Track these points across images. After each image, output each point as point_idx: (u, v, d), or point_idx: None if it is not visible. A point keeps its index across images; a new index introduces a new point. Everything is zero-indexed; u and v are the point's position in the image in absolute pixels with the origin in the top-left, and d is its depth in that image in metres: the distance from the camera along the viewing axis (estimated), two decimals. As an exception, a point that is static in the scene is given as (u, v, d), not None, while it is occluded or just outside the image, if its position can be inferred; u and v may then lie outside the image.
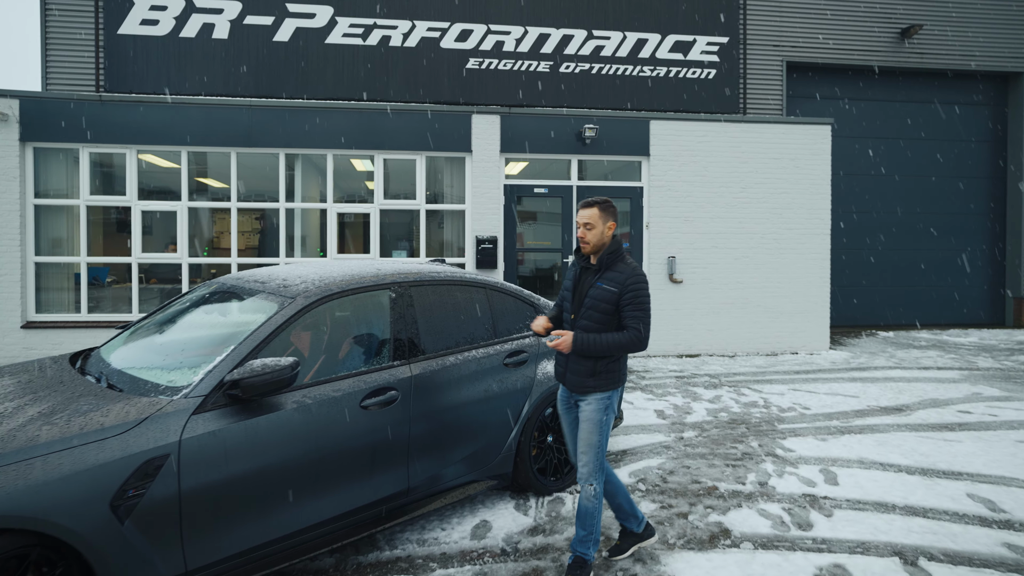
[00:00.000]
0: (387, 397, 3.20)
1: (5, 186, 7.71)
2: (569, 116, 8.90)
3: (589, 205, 3.07)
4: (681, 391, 6.91)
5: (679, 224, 9.07)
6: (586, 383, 3.00)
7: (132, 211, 8.06)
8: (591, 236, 3.04)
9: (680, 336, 9.07)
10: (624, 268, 2.99)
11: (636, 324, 2.92)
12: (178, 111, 8.05)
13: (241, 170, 8.45)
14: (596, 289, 2.98)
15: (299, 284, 3.28)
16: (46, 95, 7.90)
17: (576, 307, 3.06)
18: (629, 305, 2.93)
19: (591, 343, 2.92)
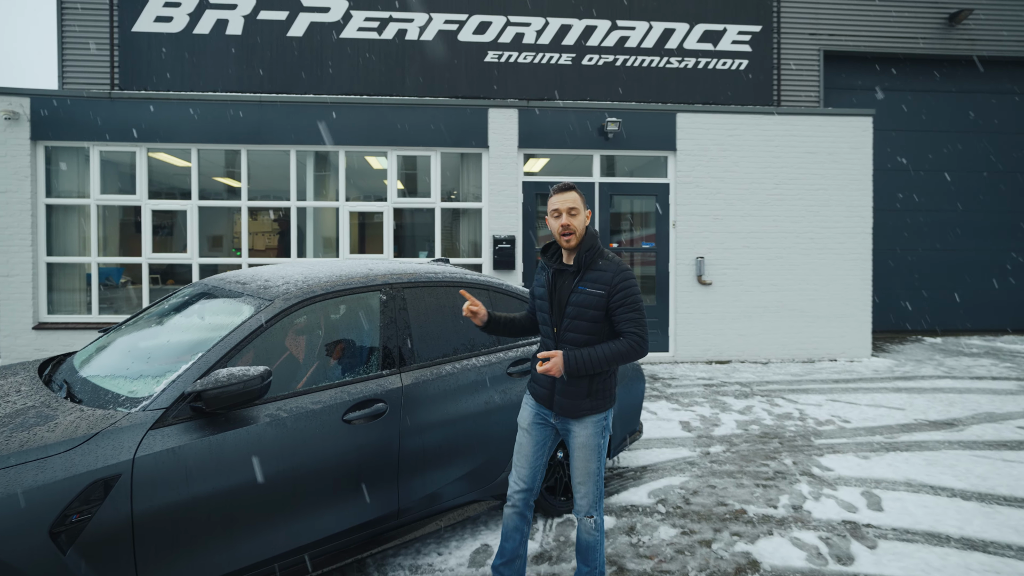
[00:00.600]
0: (374, 410, 2.93)
1: (17, 185, 7.70)
2: (591, 109, 8.56)
3: (567, 188, 2.66)
4: (709, 401, 6.52)
5: (708, 223, 8.66)
6: (581, 405, 2.63)
7: (142, 210, 7.98)
8: (577, 225, 2.62)
9: (709, 341, 8.66)
10: (608, 265, 2.62)
11: (633, 328, 2.55)
12: (187, 108, 7.94)
13: (255, 169, 8.32)
14: (579, 295, 2.60)
15: (280, 285, 3.03)
16: (56, 93, 7.87)
17: (557, 319, 2.66)
18: (621, 307, 2.56)
19: (586, 360, 2.52)
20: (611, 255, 2.71)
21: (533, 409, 2.79)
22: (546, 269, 2.75)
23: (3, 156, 7.68)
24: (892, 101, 11.26)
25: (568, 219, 2.62)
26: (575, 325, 2.60)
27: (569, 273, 2.68)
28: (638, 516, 3.76)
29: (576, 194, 2.68)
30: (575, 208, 2.64)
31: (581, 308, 2.60)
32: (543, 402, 2.73)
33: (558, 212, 2.63)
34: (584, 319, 2.59)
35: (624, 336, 2.57)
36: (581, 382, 2.62)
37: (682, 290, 8.62)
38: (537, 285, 2.79)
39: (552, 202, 2.67)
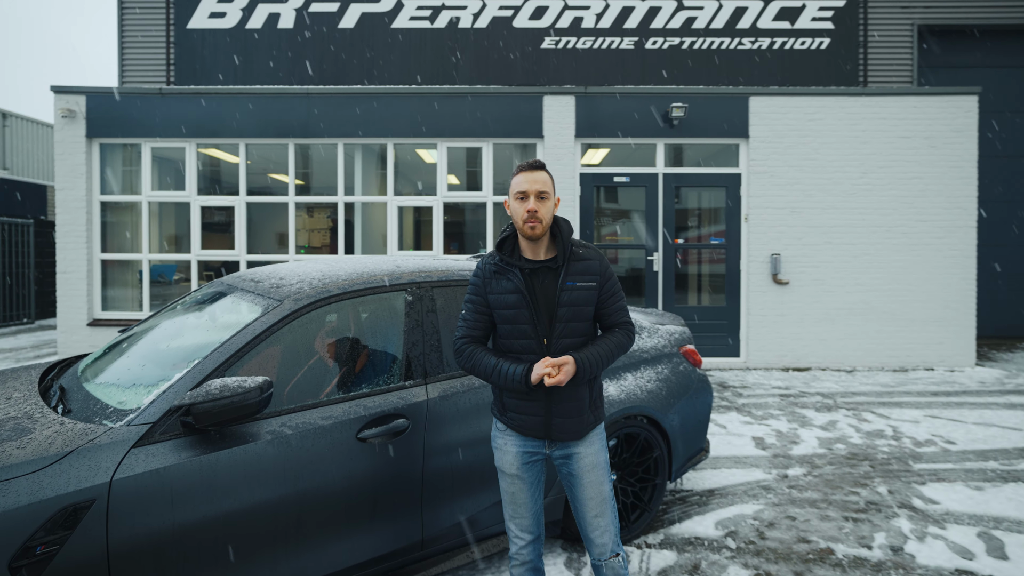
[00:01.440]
0: (393, 427, 2.59)
1: (73, 183, 7.85)
2: (654, 94, 8.02)
3: (537, 167, 2.26)
4: (786, 414, 5.90)
5: (784, 216, 7.97)
6: (585, 420, 2.28)
7: (191, 207, 8.00)
8: (545, 212, 2.21)
9: (786, 346, 7.97)
10: (589, 253, 2.30)
11: (625, 317, 2.34)
12: (233, 102, 7.91)
13: (307, 164, 8.23)
14: (570, 291, 2.22)
15: (294, 284, 2.74)
16: (110, 91, 7.99)
17: (546, 326, 2.22)
18: (612, 296, 2.30)
19: (596, 359, 2.21)
20: (585, 243, 2.38)
21: (518, 447, 2.33)
22: (509, 270, 2.26)
23: (61, 154, 7.84)
24: (997, 80, 10.14)
25: (536, 203, 2.20)
26: (571, 328, 2.23)
27: (548, 269, 2.27)
28: (703, 552, 3.29)
29: (547, 175, 2.28)
30: (545, 192, 2.23)
31: (575, 307, 2.23)
32: (534, 433, 2.28)
33: (524, 195, 2.22)
34: (580, 319, 2.24)
35: (619, 327, 2.32)
36: (581, 392, 2.26)
37: (755, 290, 7.96)
38: (498, 292, 2.27)
39: (518, 182, 2.25)
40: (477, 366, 2.28)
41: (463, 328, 2.35)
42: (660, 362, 3.64)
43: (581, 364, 2.15)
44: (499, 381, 2.22)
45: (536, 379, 2.12)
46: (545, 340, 2.21)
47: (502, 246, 2.33)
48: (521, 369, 2.18)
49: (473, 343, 2.33)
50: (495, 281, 2.28)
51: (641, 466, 3.46)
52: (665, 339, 3.75)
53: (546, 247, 2.28)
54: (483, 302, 2.32)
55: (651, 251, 8.10)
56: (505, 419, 2.34)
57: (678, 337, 3.85)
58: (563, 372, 2.12)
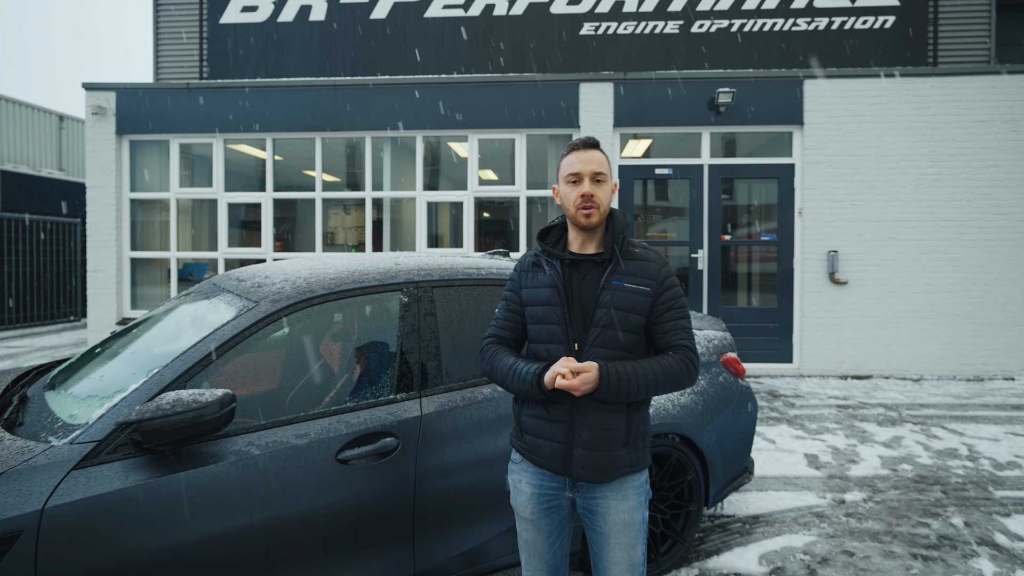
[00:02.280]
0: (379, 446, 2.29)
1: (103, 180, 7.89)
2: (699, 80, 7.55)
3: (591, 145, 1.92)
4: (844, 428, 5.39)
5: (843, 210, 7.38)
6: (617, 460, 1.85)
7: (218, 203, 7.95)
8: (602, 197, 1.89)
9: (844, 351, 7.39)
10: (648, 254, 1.94)
11: (685, 340, 1.88)
12: (261, 96, 7.81)
13: (335, 158, 8.08)
14: (614, 292, 1.85)
15: (275, 284, 2.47)
16: (138, 86, 8.00)
17: (579, 329, 1.87)
18: (671, 311, 1.88)
19: (631, 377, 1.77)
20: (643, 242, 2.05)
21: (534, 486, 1.95)
22: (550, 261, 1.94)
23: (91, 151, 7.89)
24: (1090, 57, 9.24)
25: (592, 187, 1.87)
26: (608, 337, 1.84)
27: (592, 263, 1.92)
28: (744, 592, 2.89)
29: (603, 155, 1.94)
30: (601, 174, 1.90)
31: (618, 311, 1.84)
32: (551, 465, 1.90)
33: (577, 177, 1.89)
34: (622, 327, 1.84)
35: (673, 351, 1.87)
36: (615, 420, 1.85)
37: (810, 290, 7.41)
38: (532, 286, 1.96)
39: (569, 163, 1.91)
40: (495, 369, 1.95)
41: (492, 327, 2.06)
42: (696, 373, 3.24)
43: (606, 376, 1.75)
44: (513, 384, 1.88)
45: (550, 381, 1.75)
46: (576, 345, 1.85)
47: (546, 236, 2.02)
48: (536, 367, 1.82)
49: (499, 344, 2.01)
50: (531, 274, 1.98)
51: (673, 490, 3.09)
52: (702, 346, 3.36)
53: (598, 242, 1.94)
54: (516, 299, 2.01)
55: (695, 248, 7.62)
56: (520, 445, 1.98)
57: (717, 344, 3.45)
58: (580, 379, 1.72)
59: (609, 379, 1.76)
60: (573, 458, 1.86)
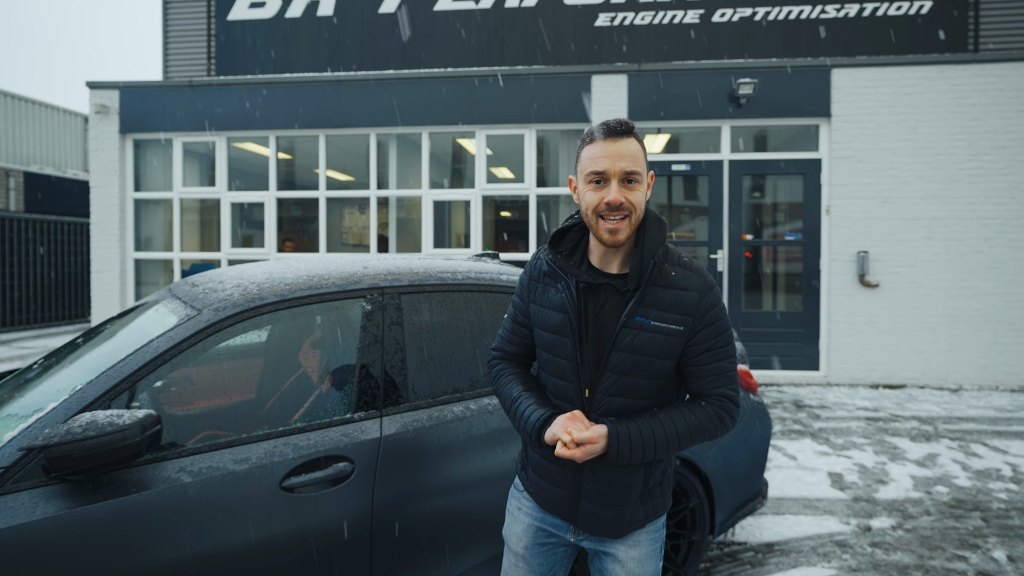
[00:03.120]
0: (331, 472, 2.07)
1: (107, 180, 7.84)
2: (717, 70, 7.22)
3: (622, 132, 1.46)
4: (873, 443, 5.04)
5: (874, 207, 6.99)
6: (630, 515, 1.59)
7: (221, 203, 7.84)
8: (636, 202, 1.47)
9: (875, 359, 6.99)
10: (687, 277, 1.52)
11: (725, 388, 1.53)
12: (263, 92, 7.69)
13: (339, 156, 7.93)
14: (636, 331, 1.49)
15: (227, 290, 2.27)
16: (141, 84, 7.93)
17: (591, 372, 1.54)
18: (711, 351, 1.52)
19: (646, 440, 1.47)
20: (685, 257, 1.60)
21: (534, 518, 1.70)
22: (562, 277, 1.59)
23: (95, 151, 7.85)
24: None
25: (621, 192, 1.45)
26: (626, 386, 1.51)
27: (612, 290, 1.54)
28: (752, 635, 2.61)
29: (639, 144, 1.49)
30: (636, 174, 1.46)
31: (640, 357, 1.49)
32: (556, 509, 1.64)
33: (602, 176, 1.46)
34: (644, 374, 1.50)
35: (708, 401, 1.53)
36: (631, 478, 1.56)
37: (838, 293, 7.03)
38: (541, 305, 1.62)
39: (591, 155, 1.48)
40: (500, 394, 1.71)
41: (499, 338, 1.80)
42: (701, 387, 2.97)
43: (615, 446, 1.44)
44: (515, 423, 1.62)
45: (550, 441, 1.48)
46: (587, 392, 1.54)
47: (561, 240, 1.62)
48: (539, 416, 1.53)
49: (506, 361, 1.76)
50: (542, 288, 1.63)
51: (674, 518, 2.82)
52: (709, 358, 3.07)
53: (625, 256, 1.55)
54: (524, 311, 1.70)
55: (715, 248, 7.29)
56: (525, 478, 1.72)
57: (726, 355, 3.16)
58: (582, 450, 1.42)
59: (620, 449, 1.45)
60: (579, 509, 1.60)
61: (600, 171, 1.45)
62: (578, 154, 1.55)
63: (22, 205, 13.67)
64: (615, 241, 1.47)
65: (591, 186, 1.48)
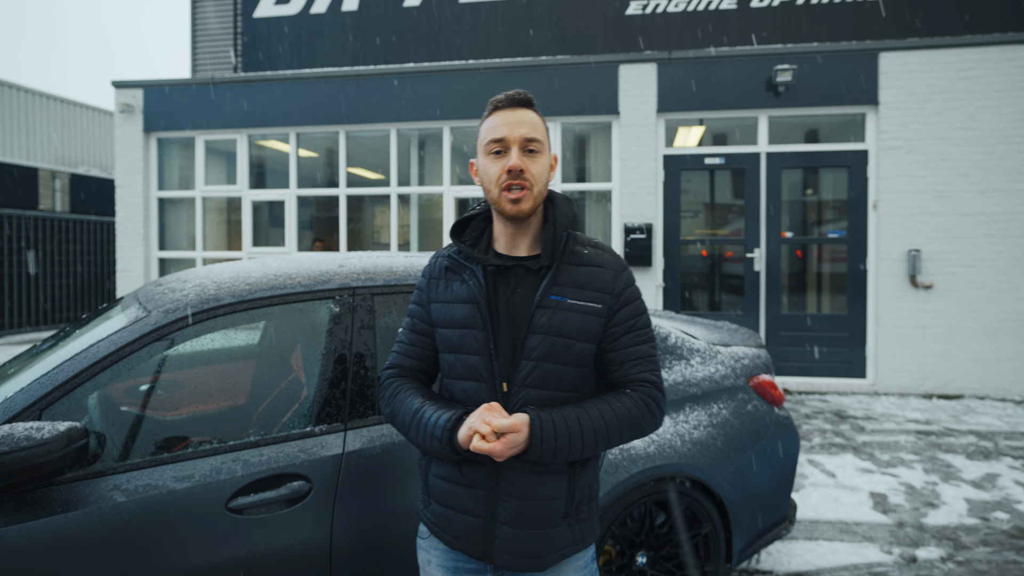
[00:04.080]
0: (285, 492, 1.89)
1: (131, 179, 7.92)
2: (754, 56, 6.85)
3: (519, 102, 1.42)
4: (924, 460, 4.64)
5: (926, 202, 6.52)
6: (555, 540, 1.42)
7: (243, 201, 7.83)
8: (536, 173, 1.41)
9: (928, 366, 6.52)
10: (602, 256, 1.48)
11: (650, 373, 1.45)
12: (284, 89, 7.65)
13: (360, 152, 7.83)
14: (552, 311, 1.40)
15: (185, 290, 2.12)
16: (163, 83, 8.00)
17: (508, 359, 1.41)
18: (629, 334, 1.45)
19: (571, 430, 1.34)
20: (595, 238, 1.56)
21: (447, 569, 1.50)
22: (469, 267, 1.47)
23: (120, 150, 7.94)
24: None
25: (522, 159, 1.39)
26: (545, 374, 1.39)
27: (524, 271, 1.45)
28: None
29: (537, 116, 1.45)
30: (536, 140, 1.41)
31: (559, 339, 1.39)
32: (464, 547, 1.44)
33: (502, 144, 1.40)
34: (564, 359, 1.40)
35: (632, 388, 1.44)
36: (555, 487, 1.41)
37: (887, 295, 6.58)
38: (444, 301, 1.49)
39: (490, 126, 1.42)
40: (396, 413, 1.50)
41: (392, 356, 1.61)
42: (716, 399, 2.69)
43: (539, 434, 1.30)
44: (419, 437, 1.43)
45: (466, 440, 1.31)
46: (505, 385, 1.40)
47: (462, 230, 1.53)
48: (448, 418, 1.37)
49: (402, 378, 1.56)
50: (443, 284, 1.51)
51: (682, 547, 2.55)
52: (726, 366, 2.79)
53: (533, 238, 1.48)
54: (425, 317, 1.55)
55: (751, 247, 6.92)
56: (428, 516, 1.53)
57: (748, 364, 2.88)
58: (503, 441, 1.27)
59: (544, 438, 1.31)
60: (495, 539, 1.41)
61: (499, 138, 1.40)
62: (478, 132, 1.49)
63: (68, 206, 14.09)
64: (518, 211, 1.40)
65: (491, 157, 1.42)
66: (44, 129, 15.43)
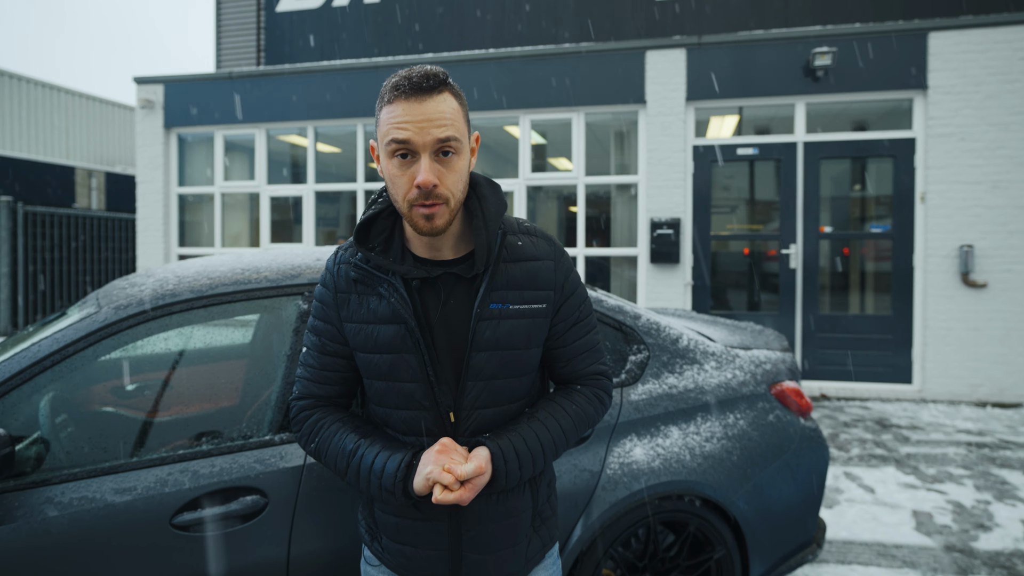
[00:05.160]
0: (237, 508, 1.73)
1: (151, 175, 7.97)
2: (790, 39, 6.50)
3: (431, 88, 1.13)
4: (975, 475, 4.29)
5: (980, 194, 6.10)
6: (526, 551, 1.32)
7: (261, 197, 7.80)
8: (452, 183, 1.16)
9: (981, 371, 6.10)
10: (538, 246, 1.30)
11: (597, 364, 1.39)
12: (301, 82, 7.59)
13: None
14: (495, 322, 1.23)
15: (140, 286, 1.98)
16: (183, 78, 8.01)
17: (451, 382, 1.24)
18: (576, 326, 1.35)
19: (533, 450, 1.24)
20: (525, 222, 1.36)
21: None
22: (381, 279, 1.25)
23: (140, 146, 7.99)
24: None
25: (434, 170, 1.14)
26: (496, 390, 1.25)
27: (453, 280, 1.26)
28: None
29: (452, 98, 1.17)
30: (452, 140, 1.15)
31: (506, 351, 1.24)
32: None
33: (407, 145, 1.13)
34: (513, 371, 1.26)
35: (584, 383, 1.37)
36: (519, 501, 1.30)
37: (935, 294, 6.18)
38: (361, 321, 1.27)
39: (393, 119, 1.13)
40: (324, 451, 1.31)
41: (300, 383, 1.39)
42: (733, 408, 2.45)
43: (502, 468, 1.19)
44: (360, 483, 1.25)
45: (423, 490, 1.16)
46: (452, 415, 1.25)
47: (366, 231, 1.28)
48: (398, 462, 1.20)
49: (320, 409, 1.36)
50: (356, 300, 1.28)
51: (694, 571, 2.33)
52: (745, 371, 2.55)
53: (456, 237, 1.27)
54: (336, 336, 1.33)
55: (787, 243, 6.57)
56: (378, 549, 1.35)
57: (770, 369, 2.63)
58: (469, 488, 1.13)
59: (508, 470, 1.21)
60: (462, 567, 1.26)
61: (403, 140, 1.13)
62: (376, 113, 1.21)
63: (104, 204, 14.39)
64: (432, 228, 1.17)
65: (395, 161, 1.16)
66: (83, 129, 15.82)
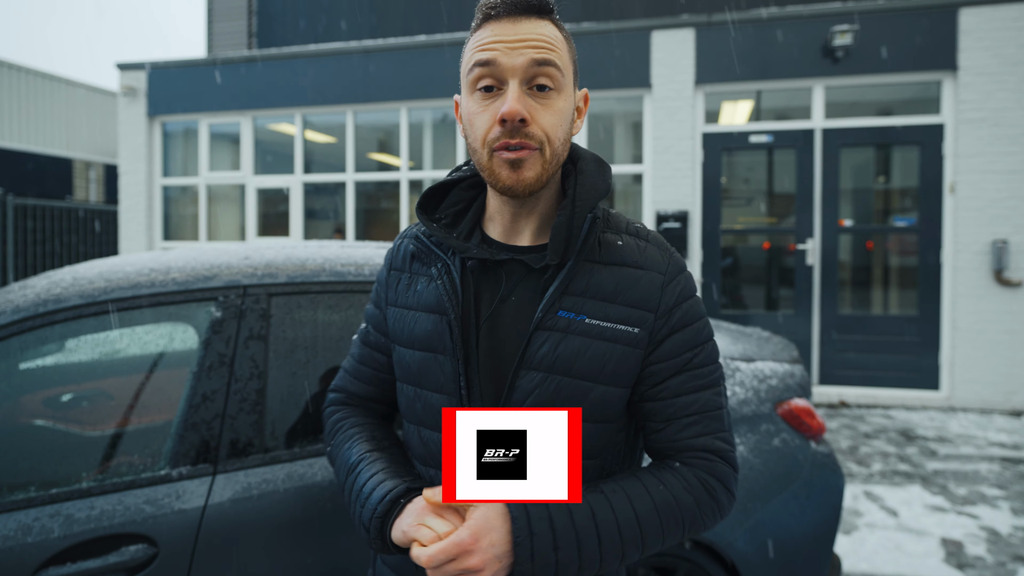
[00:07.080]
0: (118, 560, 1.46)
1: (134, 165, 7.75)
2: (807, 17, 6.14)
3: (531, 9, 0.90)
4: (1011, 496, 3.96)
5: (1016, 184, 5.72)
6: None
7: (246, 188, 7.56)
8: (549, 123, 0.90)
9: (1016, 378, 5.74)
10: (644, 248, 0.99)
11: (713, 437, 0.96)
12: (288, 67, 7.35)
13: (372, 133, 7.46)
14: (562, 336, 0.93)
15: (24, 291, 1.72)
16: (166, 64, 7.78)
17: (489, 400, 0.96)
18: (683, 373, 0.97)
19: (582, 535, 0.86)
20: (638, 223, 1.06)
21: None
22: (440, 258, 1.02)
23: (123, 135, 7.79)
24: None
25: (525, 100, 0.90)
26: None
27: (522, 271, 1.00)
28: None
29: (555, 28, 0.96)
30: (551, 66, 0.92)
31: (567, 378, 0.94)
32: None
33: (493, 74, 0.91)
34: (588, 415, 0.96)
35: (685, 462, 0.97)
36: None
37: (965, 293, 5.82)
38: (404, 306, 1.05)
39: (479, 41, 0.93)
40: (335, 459, 1.09)
41: (340, 373, 1.20)
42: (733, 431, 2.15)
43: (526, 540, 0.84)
44: (349, 509, 1.01)
45: (400, 541, 0.89)
46: None
47: (437, 200, 1.08)
48: (381, 495, 0.94)
49: (348, 407, 1.15)
50: (407, 279, 1.07)
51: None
52: (747, 388, 2.25)
53: (543, 220, 1.02)
54: (380, 323, 1.12)
55: (803, 237, 6.22)
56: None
57: (776, 385, 2.32)
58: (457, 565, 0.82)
59: (536, 546, 0.84)
60: None
61: (486, 60, 0.91)
62: (463, 54, 0.98)
63: (102, 196, 14.25)
64: (519, 181, 0.91)
65: (478, 96, 0.93)
66: (82, 120, 15.68)
